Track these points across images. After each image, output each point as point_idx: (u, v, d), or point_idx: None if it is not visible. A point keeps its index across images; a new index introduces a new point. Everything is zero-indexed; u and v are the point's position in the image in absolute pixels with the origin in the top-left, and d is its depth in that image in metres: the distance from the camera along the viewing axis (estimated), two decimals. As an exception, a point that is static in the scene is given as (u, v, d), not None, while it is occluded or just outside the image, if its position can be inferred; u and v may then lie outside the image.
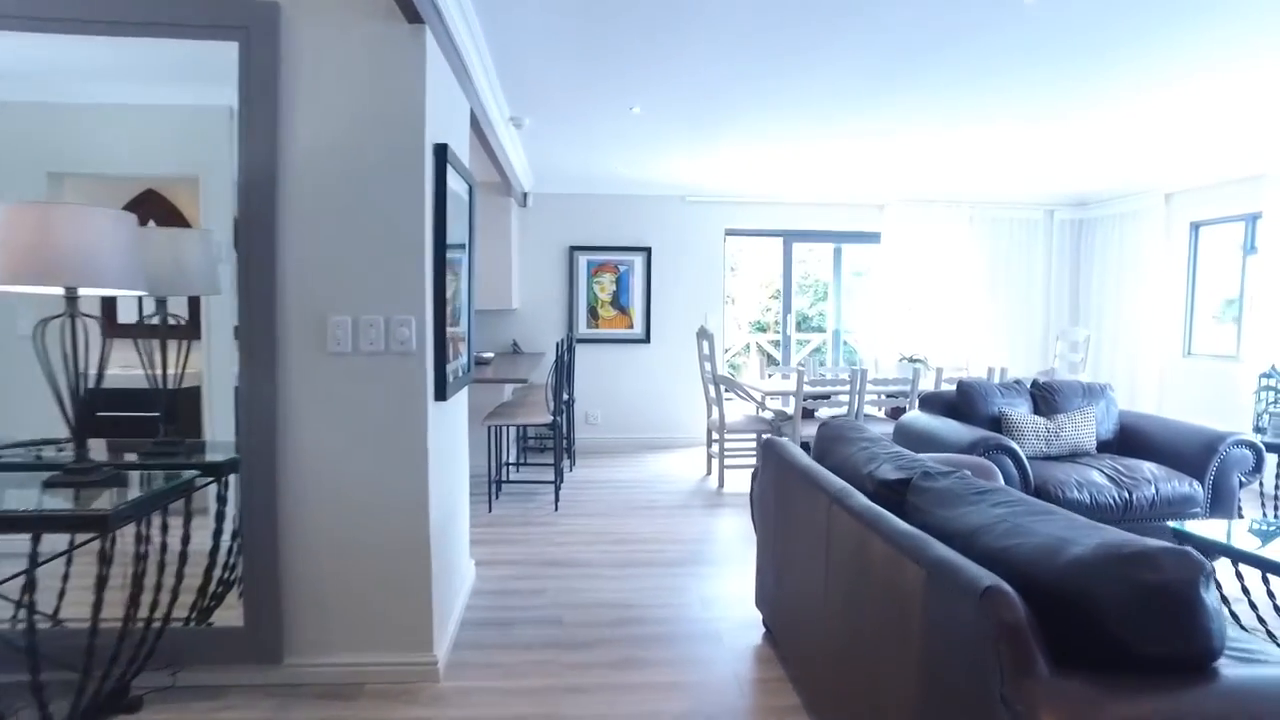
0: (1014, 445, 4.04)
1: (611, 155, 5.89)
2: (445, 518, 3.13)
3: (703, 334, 6.14)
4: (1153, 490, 4.05)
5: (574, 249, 7.47)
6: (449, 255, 3.01)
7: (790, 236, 7.86)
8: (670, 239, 7.59)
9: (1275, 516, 4.71)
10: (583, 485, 6.00)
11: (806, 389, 5.67)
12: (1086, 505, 3.97)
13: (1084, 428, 4.53)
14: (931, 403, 4.96)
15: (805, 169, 6.38)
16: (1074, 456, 4.49)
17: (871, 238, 7.86)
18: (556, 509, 5.27)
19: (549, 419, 5.18)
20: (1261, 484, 4.48)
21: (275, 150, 2.67)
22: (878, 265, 7.91)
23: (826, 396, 5.91)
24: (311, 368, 2.75)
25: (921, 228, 7.75)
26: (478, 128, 4.19)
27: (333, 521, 2.79)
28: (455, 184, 3.14)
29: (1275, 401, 4.49)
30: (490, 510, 5.20)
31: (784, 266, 7.94)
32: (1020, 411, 4.62)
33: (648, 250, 7.52)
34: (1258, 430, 4.72)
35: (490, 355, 6.01)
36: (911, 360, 6.13)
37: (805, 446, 6.02)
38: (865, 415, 5.79)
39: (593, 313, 7.52)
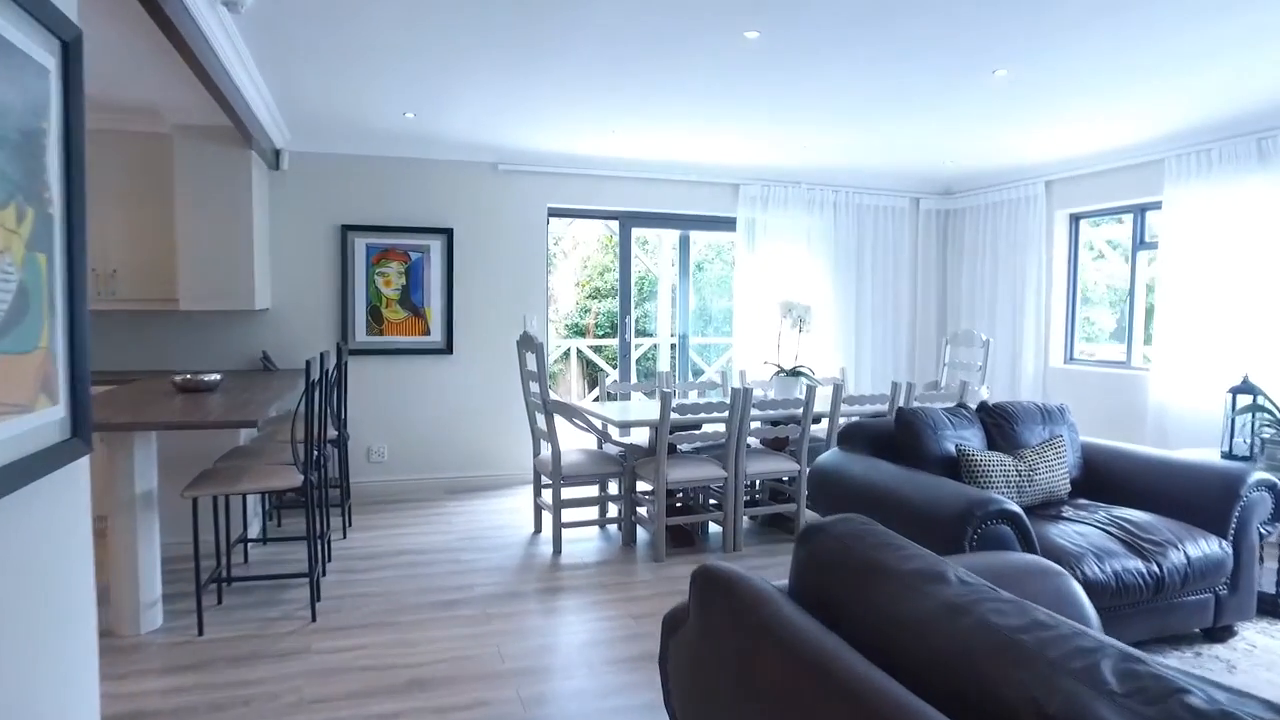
0: (1015, 509, 2.74)
1: (392, 93, 4.09)
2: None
3: (527, 343, 4.48)
4: (1181, 557, 2.91)
5: (347, 229, 5.53)
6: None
7: (629, 219, 6.37)
8: (479, 218, 5.85)
9: None
10: (359, 563, 4.15)
11: (675, 417, 4.18)
12: (1111, 588, 2.75)
13: (1057, 467, 3.37)
14: (856, 438, 3.63)
15: (647, 133, 4.91)
16: (1048, 505, 3.31)
17: (724, 224, 6.55)
18: (314, 618, 3.41)
19: (296, 480, 3.32)
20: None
21: None
22: (731, 256, 6.62)
23: (697, 426, 4.46)
24: None
25: (783, 212, 6.54)
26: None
27: None
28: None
29: (1273, 424, 3.55)
30: (201, 632, 3.25)
31: (620, 255, 6.44)
32: (979, 449, 3.38)
33: (448, 233, 5.74)
34: (1229, 458, 3.79)
35: (214, 377, 4.01)
36: (793, 373, 4.88)
37: (685, 516, 4.56)
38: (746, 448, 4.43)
39: (374, 314, 5.62)
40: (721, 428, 4.43)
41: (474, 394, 5.90)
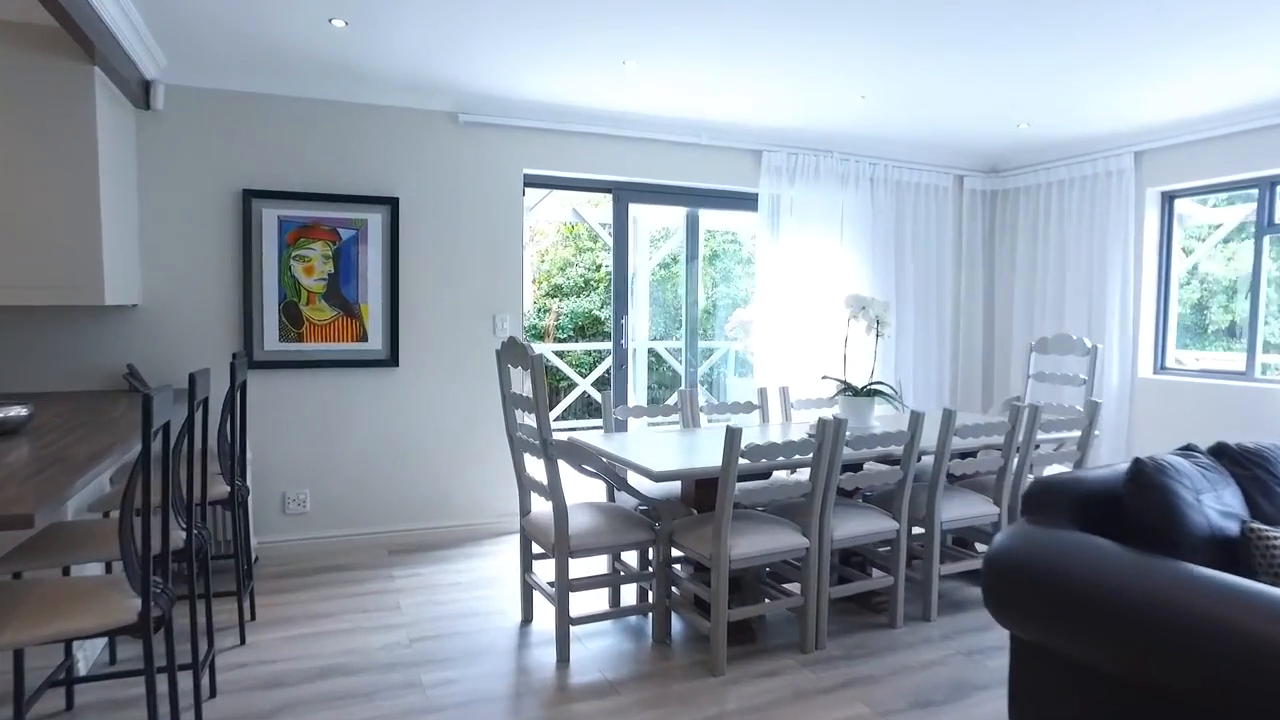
0: None
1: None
2: None
3: (514, 354, 3.07)
4: None
5: (252, 196, 4.02)
6: None
7: (626, 193, 4.99)
8: (433, 185, 4.40)
9: None
10: (258, 699, 2.67)
11: (745, 463, 2.82)
12: None
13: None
14: (1052, 506, 2.34)
15: (667, 70, 3.56)
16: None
17: (742, 201, 5.24)
18: (169, 841, 1.95)
19: (127, 612, 1.85)
20: None
21: None
22: (739, 246, 5.33)
23: (766, 474, 3.13)
24: None
25: (813, 187, 5.26)
26: None
27: None
28: None
29: None
30: None
31: (615, 237, 5.04)
32: (1254, 524, 2.13)
33: (391, 203, 4.27)
34: None
35: (19, 412, 2.47)
36: (867, 393, 3.59)
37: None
38: (841, 510, 3.08)
39: (290, 313, 4.12)
40: (785, 473, 3.11)
41: (427, 420, 4.44)
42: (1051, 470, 3.97)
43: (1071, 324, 5.34)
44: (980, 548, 4.11)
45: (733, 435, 2.75)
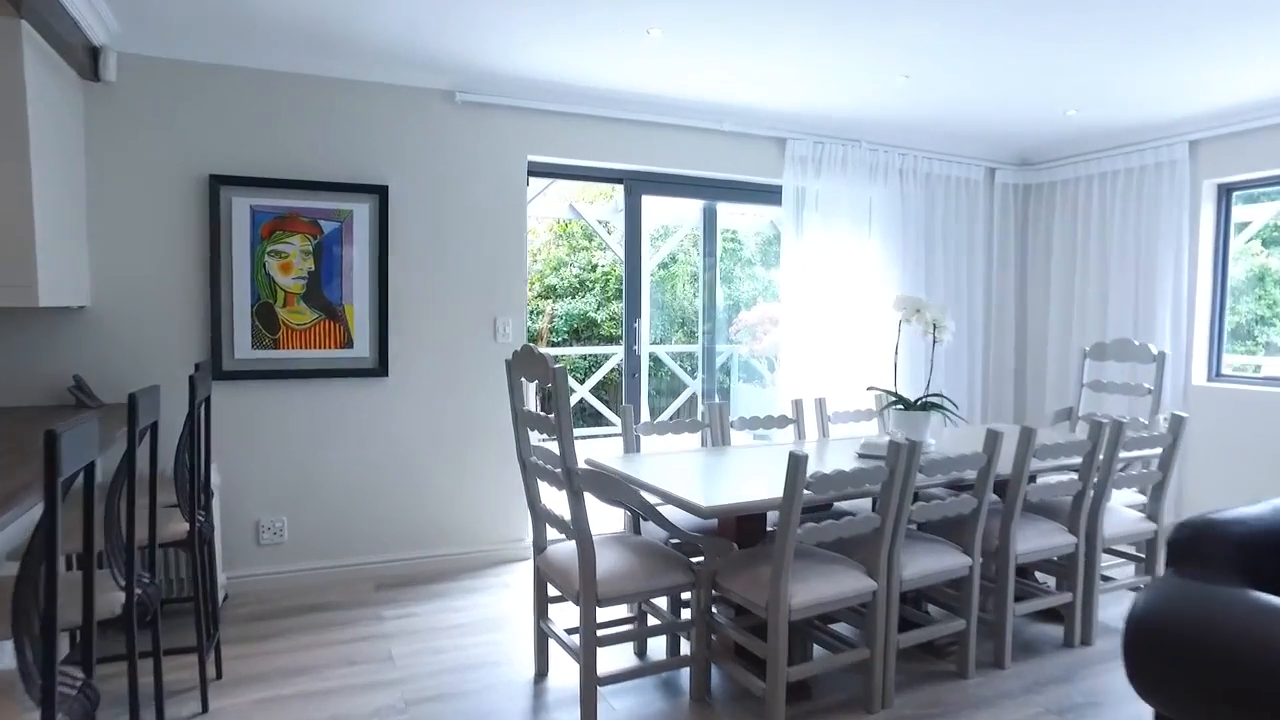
0: None
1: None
2: None
3: (529, 365, 2.60)
4: None
5: (220, 182, 3.52)
6: None
7: (639, 183, 4.53)
8: (427, 172, 3.92)
9: None
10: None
11: (809, 494, 2.36)
12: None
13: None
14: (1210, 557, 1.91)
15: (695, 38, 3.10)
16: None
17: (764, 194, 4.79)
18: None
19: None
20: None
21: None
22: (751, 239, 4.89)
23: (828, 506, 2.68)
24: None
25: (840, 179, 4.83)
26: None
27: None
28: None
29: None
30: None
31: (628, 232, 4.57)
32: None
33: (380, 193, 3.79)
34: None
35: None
36: (922, 406, 3.15)
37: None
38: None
39: (265, 316, 3.63)
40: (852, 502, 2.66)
41: (420, 436, 3.96)
42: (1122, 494, 3.55)
43: (1115, 328, 4.94)
44: (1042, 578, 3.69)
45: (796, 463, 2.29)
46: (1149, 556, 3.33)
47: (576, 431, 2.59)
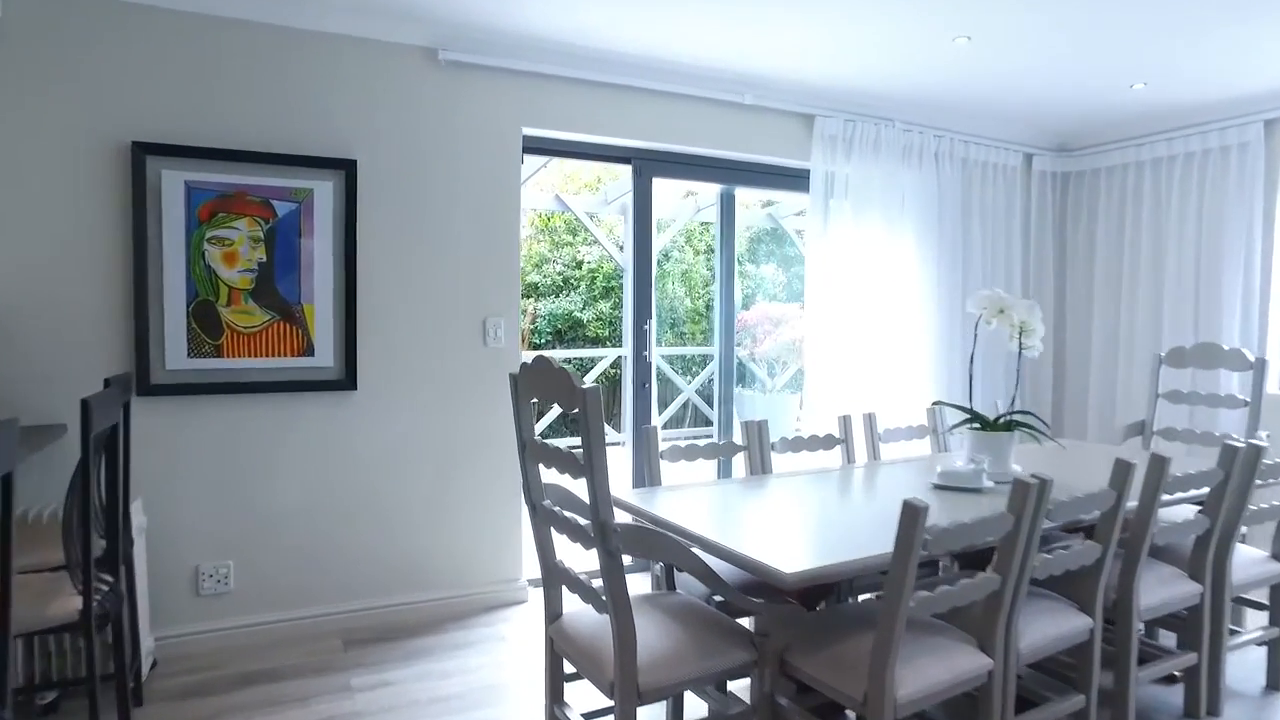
0: None
1: None
2: None
3: (541, 382, 1.99)
4: None
5: (146, 151, 2.85)
6: None
7: (648, 163, 3.92)
8: (403, 143, 3.27)
9: None
10: None
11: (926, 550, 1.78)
12: None
13: None
14: None
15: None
16: None
17: (789, 178, 4.21)
18: None
19: None
20: None
21: None
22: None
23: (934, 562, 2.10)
24: None
25: (873, 161, 4.27)
26: None
27: None
28: None
29: None
30: None
31: (637, 220, 3.96)
32: None
33: (347, 168, 3.13)
34: None
35: None
36: (1006, 425, 2.60)
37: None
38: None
39: (204, 316, 2.96)
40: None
41: (394, 461, 3.31)
42: (1248, 531, 3.01)
43: (1171, 333, 4.44)
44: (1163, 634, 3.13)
45: (913, 514, 1.71)
46: (1276, 604, 2.80)
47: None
